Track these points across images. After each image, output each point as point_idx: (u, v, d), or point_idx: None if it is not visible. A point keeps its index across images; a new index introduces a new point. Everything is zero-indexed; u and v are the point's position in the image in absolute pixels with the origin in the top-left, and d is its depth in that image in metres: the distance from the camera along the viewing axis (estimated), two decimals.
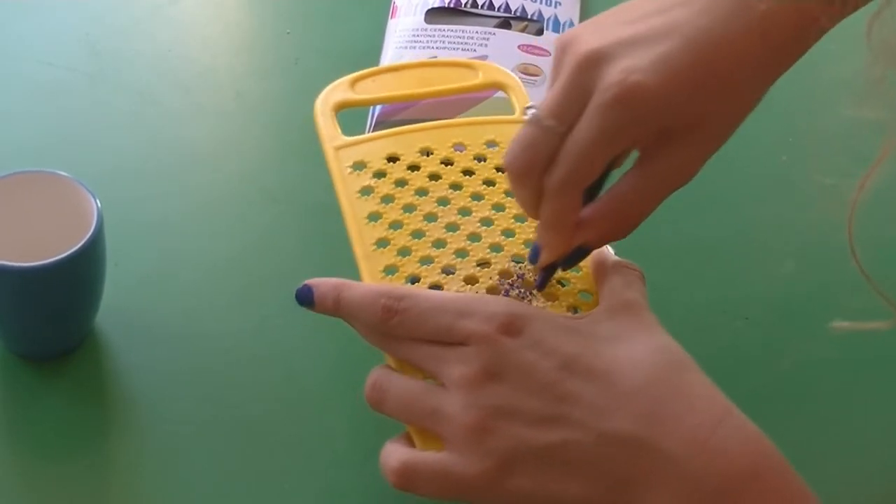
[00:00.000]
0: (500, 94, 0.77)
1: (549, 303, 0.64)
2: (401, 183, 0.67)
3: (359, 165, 0.68)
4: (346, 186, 0.67)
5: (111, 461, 0.69)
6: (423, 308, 0.60)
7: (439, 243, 0.65)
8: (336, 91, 0.71)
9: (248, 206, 0.82)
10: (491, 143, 0.70)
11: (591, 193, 0.63)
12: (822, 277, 0.79)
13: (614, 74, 0.58)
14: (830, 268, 0.80)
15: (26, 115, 0.87)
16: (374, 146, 0.68)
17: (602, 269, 0.64)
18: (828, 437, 0.71)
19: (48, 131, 0.86)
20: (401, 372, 0.61)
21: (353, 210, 0.66)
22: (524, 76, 0.86)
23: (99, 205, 0.69)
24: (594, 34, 0.60)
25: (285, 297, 0.64)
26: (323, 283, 0.63)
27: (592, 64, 0.59)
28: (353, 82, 0.72)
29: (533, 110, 0.61)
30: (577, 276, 0.65)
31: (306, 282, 0.63)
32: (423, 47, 0.87)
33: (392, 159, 0.68)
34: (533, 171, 0.60)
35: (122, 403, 0.72)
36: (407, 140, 0.69)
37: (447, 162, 0.68)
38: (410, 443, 0.60)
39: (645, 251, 0.79)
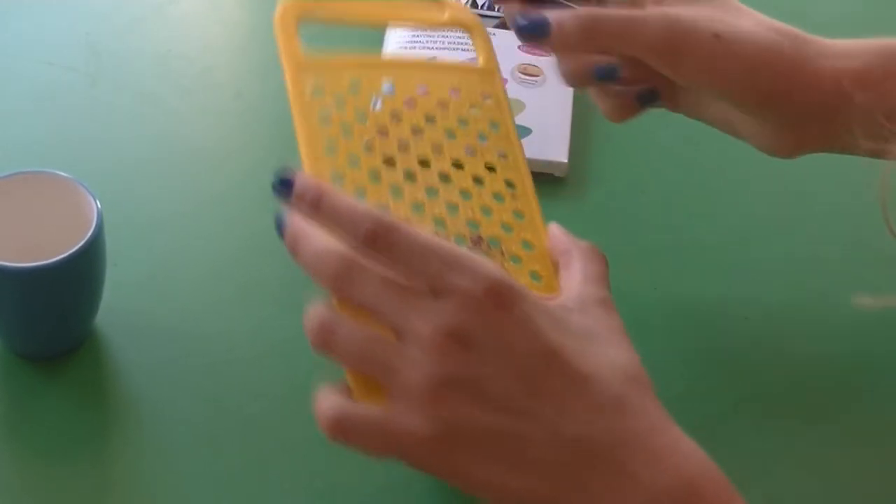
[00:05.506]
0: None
1: None
2: (361, 118, 0.63)
3: (319, 91, 0.63)
4: (305, 110, 0.63)
5: (111, 461, 0.69)
6: (410, 243, 0.55)
7: (397, 192, 0.62)
8: (297, 5, 0.65)
9: (248, 206, 0.82)
10: (454, 90, 0.66)
11: None
12: (823, 277, 0.79)
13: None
14: (833, 267, 0.80)
15: (26, 115, 0.87)
16: (338, 73, 0.64)
17: (566, 252, 0.61)
18: (828, 436, 0.71)
19: (48, 131, 0.86)
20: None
21: (310, 139, 0.62)
22: (524, 77, 0.86)
23: (99, 205, 0.69)
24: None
25: (285, 297, 0.64)
26: (305, 177, 0.58)
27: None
28: None
29: None
30: (530, 255, 0.63)
31: (286, 169, 0.58)
32: (423, 47, 0.87)
33: (354, 89, 0.64)
34: None
35: (122, 403, 0.72)
36: (371, 73, 0.65)
37: (410, 103, 0.65)
38: (348, 393, 0.56)
39: (645, 251, 0.80)
